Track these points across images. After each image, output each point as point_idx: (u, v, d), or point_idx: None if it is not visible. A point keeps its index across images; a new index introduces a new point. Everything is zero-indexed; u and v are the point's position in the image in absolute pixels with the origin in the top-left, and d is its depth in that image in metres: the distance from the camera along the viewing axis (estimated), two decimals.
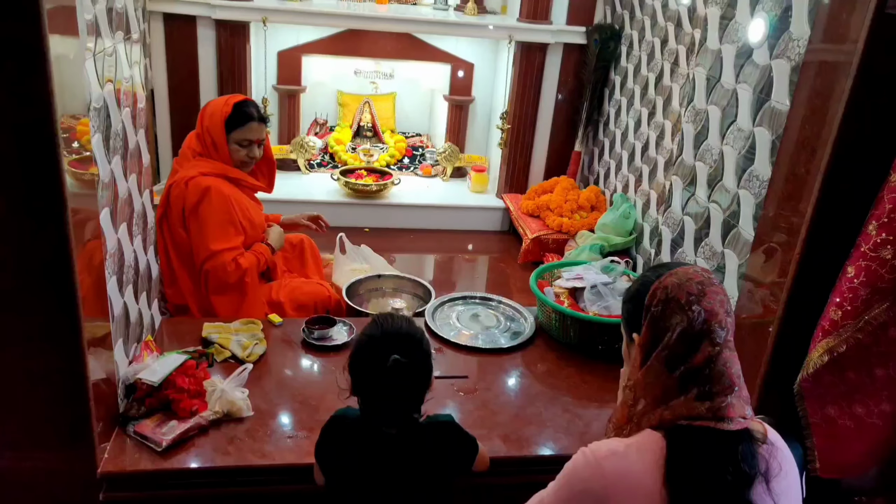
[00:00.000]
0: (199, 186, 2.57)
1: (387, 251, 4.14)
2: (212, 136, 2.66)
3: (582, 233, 4.26)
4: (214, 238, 2.57)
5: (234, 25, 4.43)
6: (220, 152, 2.68)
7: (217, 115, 2.66)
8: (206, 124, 2.68)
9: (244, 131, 2.68)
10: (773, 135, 2.28)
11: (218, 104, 2.71)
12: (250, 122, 2.69)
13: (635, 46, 4.28)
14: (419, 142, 5.53)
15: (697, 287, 1.31)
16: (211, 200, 2.57)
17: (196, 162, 2.67)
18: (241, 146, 2.70)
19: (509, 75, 4.80)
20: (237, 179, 2.72)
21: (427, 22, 4.69)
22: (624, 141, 4.35)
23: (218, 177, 2.64)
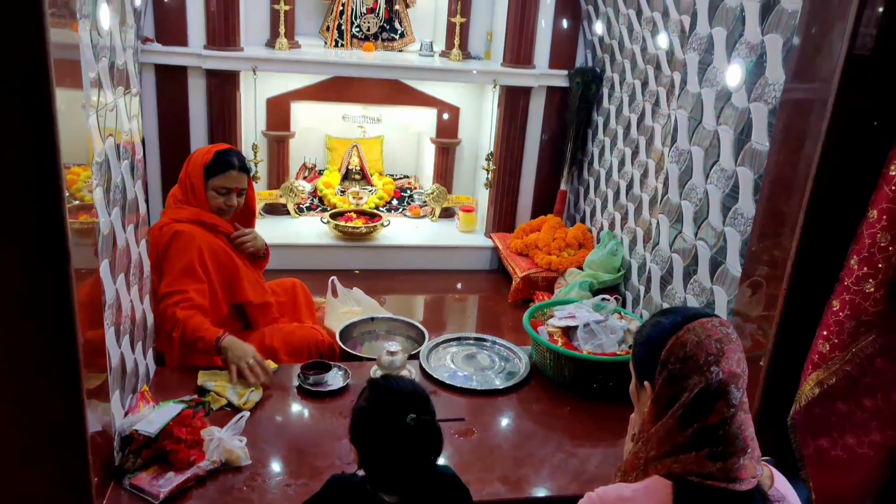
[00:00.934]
0: (169, 231, 2.57)
1: (378, 293, 4.15)
2: (191, 180, 2.66)
3: (571, 270, 4.29)
4: (168, 282, 2.52)
5: (224, 74, 4.51)
6: (197, 198, 2.67)
7: (198, 162, 2.68)
8: (189, 170, 2.69)
9: (223, 178, 2.67)
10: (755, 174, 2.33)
11: (201, 152, 2.72)
12: (230, 170, 2.68)
13: (616, 88, 4.33)
14: (407, 183, 5.59)
15: (716, 346, 1.28)
16: (177, 243, 2.55)
17: (174, 209, 2.68)
18: (219, 193, 2.68)
19: (494, 118, 4.88)
20: (212, 224, 2.68)
21: (413, 68, 4.78)
22: (609, 179, 4.40)
23: (192, 223, 2.62)
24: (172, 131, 4.59)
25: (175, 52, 4.41)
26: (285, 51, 4.63)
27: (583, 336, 2.54)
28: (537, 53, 4.69)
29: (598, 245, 4.29)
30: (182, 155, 4.23)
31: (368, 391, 1.55)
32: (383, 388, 1.53)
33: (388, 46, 5.12)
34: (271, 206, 5.10)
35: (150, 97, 4.49)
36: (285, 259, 4.54)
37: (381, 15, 5.06)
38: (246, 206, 2.86)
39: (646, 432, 1.33)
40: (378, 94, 5.02)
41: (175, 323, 2.44)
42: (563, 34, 4.71)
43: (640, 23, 3.94)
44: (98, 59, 1.73)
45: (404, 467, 1.48)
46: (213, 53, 4.41)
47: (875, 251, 1.69)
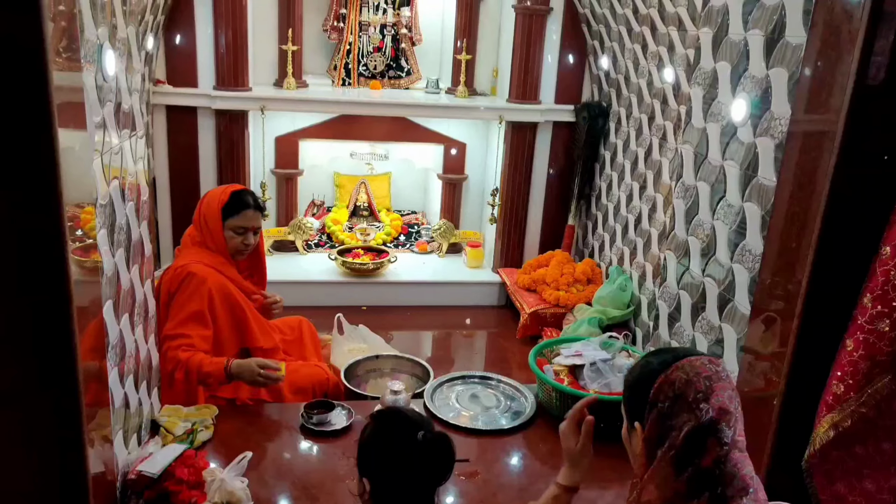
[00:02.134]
0: (184, 272, 2.58)
1: (384, 329, 4.15)
2: (208, 222, 2.70)
3: (579, 306, 4.27)
4: (173, 325, 2.53)
5: (233, 114, 4.55)
6: (215, 239, 2.70)
7: (214, 203, 2.71)
8: (204, 211, 2.72)
9: (240, 219, 2.71)
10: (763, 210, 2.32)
11: (216, 192, 2.76)
12: (246, 209, 2.72)
13: (623, 122, 4.35)
14: (414, 219, 5.58)
15: (705, 383, 1.27)
16: (188, 285, 2.56)
17: (193, 250, 2.70)
18: (237, 233, 2.72)
19: (501, 153, 4.89)
20: (229, 276, 2.71)
21: (420, 106, 4.81)
22: (617, 214, 4.39)
23: (206, 265, 2.63)
24: (183, 170, 4.64)
25: (185, 93, 4.47)
26: (293, 90, 4.68)
27: (589, 375, 2.51)
28: (543, 89, 4.72)
29: (607, 280, 4.27)
30: (192, 194, 4.53)
31: (373, 421, 1.56)
32: (387, 415, 1.55)
33: (395, 84, 5.16)
34: (280, 243, 5.10)
35: (161, 137, 4.55)
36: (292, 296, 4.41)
37: (387, 53, 5.10)
38: (257, 254, 2.92)
39: (639, 477, 1.31)
40: (385, 131, 5.05)
41: (177, 364, 2.46)
42: (568, 69, 4.74)
43: (645, 57, 3.98)
44: (103, 102, 1.75)
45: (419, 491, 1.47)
46: (222, 94, 4.46)
47: (889, 289, 1.65)
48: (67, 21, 1.50)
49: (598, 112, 4.62)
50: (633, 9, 3.96)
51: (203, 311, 2.55)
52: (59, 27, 1.45)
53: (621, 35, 4.22)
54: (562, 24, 4.63)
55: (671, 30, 3.58)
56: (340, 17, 4.99)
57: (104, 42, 1.77)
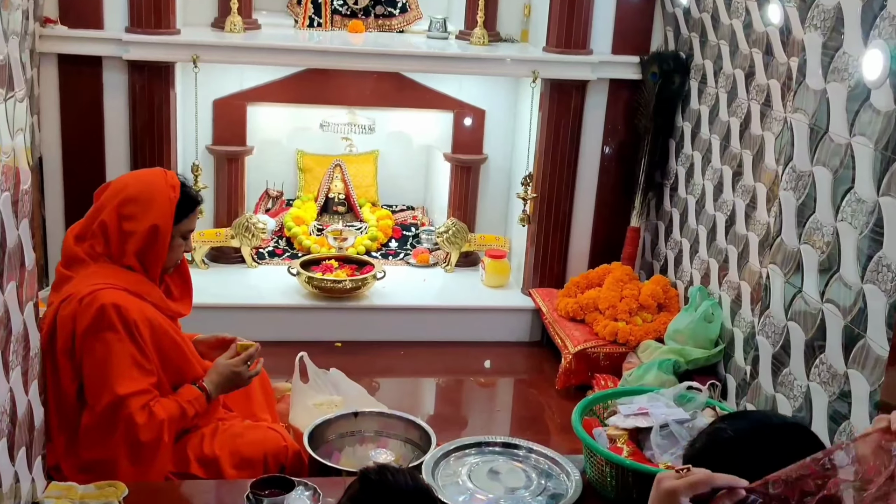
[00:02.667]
0: (95, 303, 2.60)
1: (367, 375, 4.26)
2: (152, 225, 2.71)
3: (646, 343, 4.29)
4: (118, 377, 2.58)
5: (154, 67, 4.59)
6: (157, 251, 2.74)
7: (163, 201, 2.73)
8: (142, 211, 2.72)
9: (192, 220, 2.84)
10: None
11: (157, 182, 2.78)
12: (197, 206, 2.87)
13: (710, 81, 4.35)
14: (412, 218, 5.67)
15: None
16: (117, 323, 2.59)
17: (96, 269, 2.71)
18: (185, 239, 2.85)
19: (535, 125, 4.91)
20: (153, 302, 2.75)
21: (420, 56, 4.84)
22: (700, 212, 4.41)
23: (126, 292, 2.67)
24: (81, 147, 4.69)
25: (86, 36, 4.50)
26: (239, 33, 4.73)
27: (659, 442, 2.50)
28: (595, 33, 4.76)
29: (686, 307, 4.29)
30: (94, 178, 4.43)
31: (359, 490, 1.60)
32: (378, 487, 1.58)
33: (385, 26, 5.23)
34: (219, 251, 5.12)
35: (52, 99, 4.60)
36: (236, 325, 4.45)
37: None
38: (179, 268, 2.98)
39: None
40: (371, 92, 5.08)
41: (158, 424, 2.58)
42: (631, 5, 4.79)
43: None
44: None
45: None
46: (138, 38, 4.50)
47: None
48: None
49: (673, 66, 4.64)
50: None
51: (141, 361, 2.63)
52: None
53: None
54: None
55: None
56: None
57: None
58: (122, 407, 2.55)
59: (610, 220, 5.06)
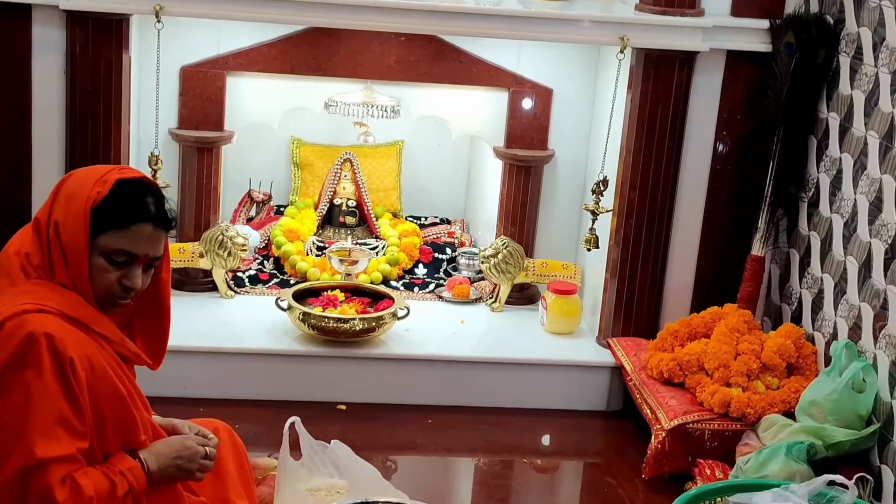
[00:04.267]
0: (21, 331, 2.53)
1: (381, 451, 4.30)
2: (63, 235, 2.65)
3: (771, 419, 4.16)
4: (38, 434, 2.51)
5: (100, 21, 4.48)
6: (73, 269, 2.64)
7: (79, 199, 2.66)
8: (58, 214, 2.68)
9: (123, 237, 2.65)
10: None
11: (85, 178, 2.73)
12: (139, 222, 2.66)
13: (867, 57, 4.21)
14: (447, 235, 5.59)
15: None
16: (46, 360, 2.53)
17: (28, 287, 2.63)
18: (113, 264, 2.65)
19: (621, 111, 4.78)
20: (103, 335, 2.68)
21: (466, 14, 4.68)
22: (850, 239, 4.25)
23: (62, 317, 2.60)
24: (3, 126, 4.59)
25: None
26: None
27: None
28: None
29: (828, 369, 4.12)
30: (15, 168, 4.72)
31: None
32: None
33: None
34: (183, 273, 5.00)
35: None
36: (204, 379, 4.64)
37: None
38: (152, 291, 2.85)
39: None
40: (396, 62, 5.02)
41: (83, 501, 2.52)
42: None
43: None
44: None
45: None
46: None
47: None
48: None
49: (816, 35, 4.53)
50: None
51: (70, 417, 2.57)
52: None
53: None
54: None
55: None
56: None
57: None
58: (38, 475, 2.49)
59: (723, 247, 4.91)
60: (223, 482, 3.07)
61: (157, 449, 2.73)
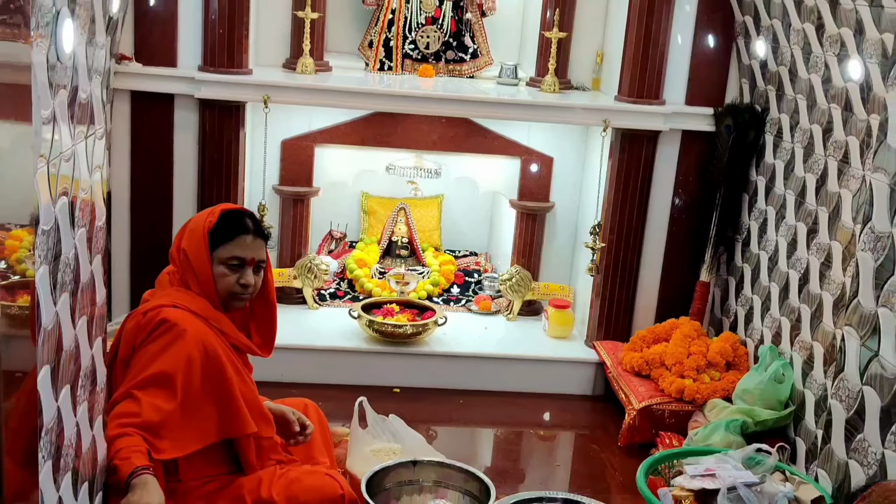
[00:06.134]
0: (156, 317, 2.66)
1: (426, 422, 4.31)
2: (191, 256, 2.78)
3: (714, 402, 4.27)
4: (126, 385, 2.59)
5: (225, 107, 4.69)
6: (201, 279, 2.78)
7: (199, 227, 2.80)
8: (185, 243, 2.82)
9: (234, 247, 2.79)
10: None
11: (202, 215, 2.87)
12: (243, 234, 2.81)
13: (786, 136, 4.35)
14: (475, 264, 5.67)
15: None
16: (160, 337, 2.64)
17: (170, 291, 2.79)
18: (230, 268, 2.79)
19: (604, 174, 4.94)
20: (219, 329, 2.78)
21: (489, 103, 4.88)
22: (773, 269, 4.38)
23: (191, 313, 2.71)
24: (150, 183, 4.78)
25: (160, 74, 4.61)
26: (310, 75, 4.78)
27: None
28: (669, 84, 4.78)
29: (757, 366, 4.27)
30: (161, 216, 4.78)
31: None
32: None
33: (455, 71, 5.28)
34: (281, 291, 5.06)
35: (123, 135, 4.69)
36: (296, 369, 4.66)
37: (445, 27, 5.24)
38: (265, 298, 2.98)
39: None
40: (438, 137, 5.13)
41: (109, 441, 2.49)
42: (706, 57, 4.81)
43: (821, 42, 3.97)
44: (55, 90, 1.84)
45: None
46: (210, 77, 4.59)
47: None
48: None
49: (748, 119, 4.66)
50: None
51: (173, 375, 2.60)
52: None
53: (786, 9, 4.19)
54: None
55: (860, 4, 3.58)
56: None
57: (62, 8, 1.86)
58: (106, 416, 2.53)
59: (679, 274, 5.06)
60: (311, 445, 3.12)
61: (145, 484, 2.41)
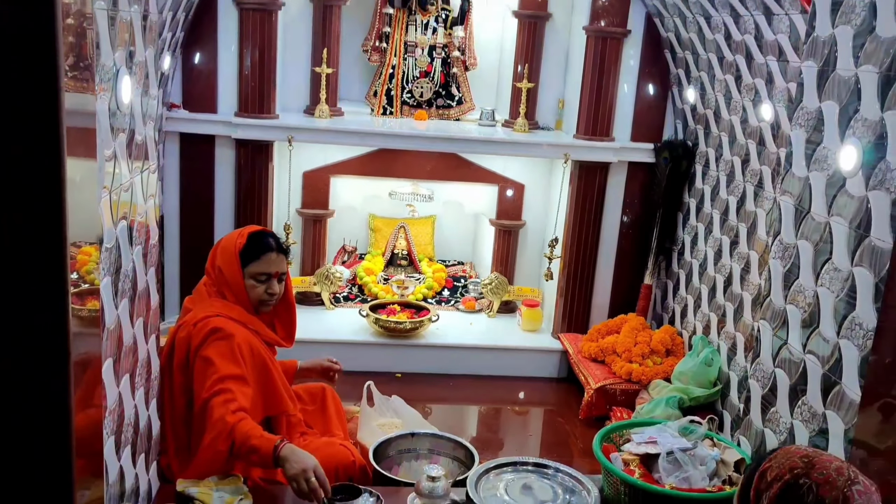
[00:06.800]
0: (207, 326, 2.65)
1: (422, 401, 4.27)
2: (224, 271, 2.78)
3: (656, 382, 4.28)
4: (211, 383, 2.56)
5: (256, 145, 4.72)
6: (234, 289, 2.77)
7: (230, 248, 2.79)
8: (219, 261, 2.80)
9: (261, 264, 2.78)
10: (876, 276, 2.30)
11: (231, 236, 2.85)
12: (267, 252, 2.79)
13: (712, 166, 4.37)
14: (461, 271, 5.67)
15: (803, 461, 1.34)
16: (216, 343, 2.63)
17: (212, 302, 2.77)
18: (259, 281, 2.79)
19: (565, 197, 4.97)
20: (254, 330, 2.79)
21: (472, 140, 4.91)
22: (703, 274, 4.40)
23: (231, 319, 2.72)
24: (195, 207, 4.83)
25: (203, 119, 4.66)
26: (326, 119, 4.82)
27: (665, 467, 2.49)
28: (617, 124, 4.81)
29: (690, 353, 4.27)
30: (205, 234, 4.82)
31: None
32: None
33: (444, 115, 5.30)
34: (304, 295, 5.15)
35: (173, 169, 4.73)
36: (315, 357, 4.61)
37: (436, 79, 5.27)
38: (286, 300, 2.97)
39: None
40: (431, 168, 5.16)
41: (223, 429, 2.44)
42: (648, 102, 4.84)
43: (739, 90, 4.01)
44: (116, 132, 1.86)
45: None
46: (244, 121, 4.64)
47: None
48: (76, 36, 1.54)
49: (682, 152, 4.68)
50: (725, 34, 4.03)
51: (242, 374, 2.60)
52: (67, 43, 1.45)
53: (711, 64, 4.27)
54: (641, 49, 4.75)
55: (770, 60, 3.63)
56: (383, 37, 5.18)
57: (121, 67, 1.88)
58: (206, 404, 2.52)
59: (627, 278, 5.08)
60: (328, 421, 3.15)
61: (293, 452, 2.41)
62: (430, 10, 5.15)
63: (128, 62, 1.95)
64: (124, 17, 1.90)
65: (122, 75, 1.89)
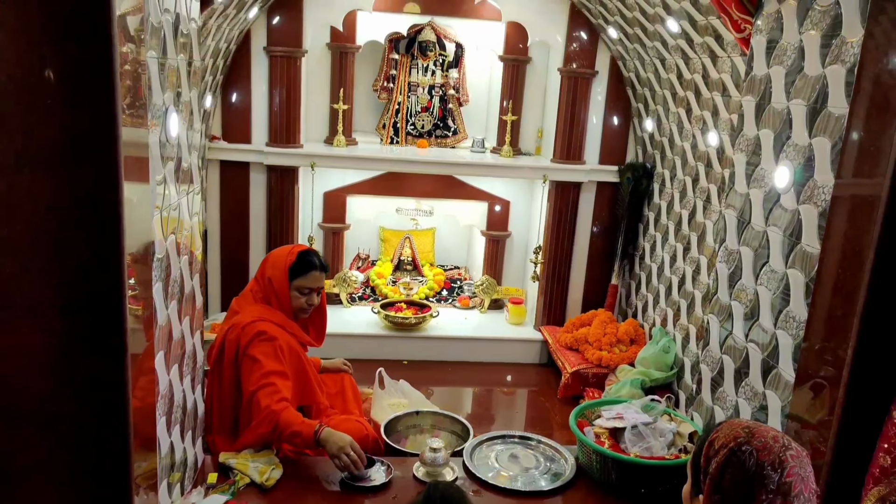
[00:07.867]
0: (254, 329, 2.63)
1: (425, 384, 4.18)
2: (273, 282, 2.76)
3: (622, 367, 4.24)
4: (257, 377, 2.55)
5: (284, 170, 4.70)
6: (280, 299, 2.76)
7: (281, 263, 2.77)
8: (269, 273, 2.77)
9: (306, 280, 2.77)
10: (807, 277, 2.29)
11: (282, 253, 2.83)
12: (312, 270, 2.79)
13: (667, 184, 4.36)
14: (457, 275, 5.63)
15: (745, 431, 1.33)
16: (262, 344, 2.61)
17: (258, 307, 2.75)
18: (301, 293, 2.78)
19: (544, 211, 4.94)
20: (292, 333, 2.77)
21: (465, 164, 4.90)
22: (661, 275, 4.39)
23: (273, 323, 2.70)
24: (233, 223, 4.79)
25: (239, 149, 4.63)
26: (343, 147, 4.79)
27: (630, 438, 2.49)
28: (587, 149, 4.79)
29: (651, 342, 4.24)
30: (242, 245, 4.81)
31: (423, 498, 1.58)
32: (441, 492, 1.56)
33: (442, 143, 5.27)
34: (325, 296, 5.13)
35: (214, 190, 4.70)
36: (335, 348, 4.51)
37: (435, 113, 5.25)
38: (320, 307, 2.98)
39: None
40: (431, 188, 5.14)
41: (269, 415, 2.45)
42: (613, 131, 4.81)
43: (689, 121, 4.00)
44: (165, 161, 1.85)
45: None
46: (274, 150, 4.60)
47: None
48: (132, 80, 1.59)
49: (642, 173, 4.66)
50: (677, 73, 4.02)
51: (284, 370, 2.59)
52: (124, 86, 1.51)
53: (665, 99, 4.26)
54: (606, 86, 4.72)
55: (715, 95, 3.62)
56: (390, 78, 5.18)
57: (169, 106, 1.88)
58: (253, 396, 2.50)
59: (597, 279, 5.05)
60: (346, 402, 3.15)
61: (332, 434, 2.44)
62: (429, 55, 5.15)
63: (175, 101, 1.94)
64: (172, 64, 1.91)
65: (170, 112, 1.89)
